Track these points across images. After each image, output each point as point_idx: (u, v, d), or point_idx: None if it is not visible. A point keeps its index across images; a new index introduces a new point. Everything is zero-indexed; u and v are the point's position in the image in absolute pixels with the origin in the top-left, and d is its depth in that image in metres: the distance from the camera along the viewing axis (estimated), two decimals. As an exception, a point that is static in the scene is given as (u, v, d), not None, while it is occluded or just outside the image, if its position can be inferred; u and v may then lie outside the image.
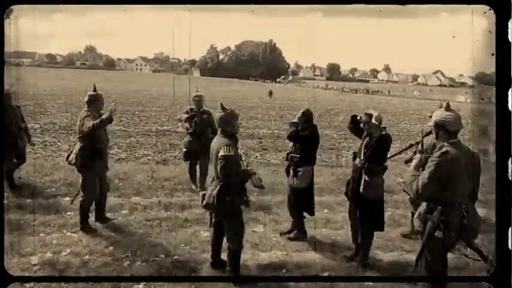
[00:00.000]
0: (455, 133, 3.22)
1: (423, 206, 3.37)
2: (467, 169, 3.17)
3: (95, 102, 5.15)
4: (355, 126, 4.80)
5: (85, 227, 5.14)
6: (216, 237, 4.28)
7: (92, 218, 5.31)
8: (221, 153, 3.85)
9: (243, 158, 4.13)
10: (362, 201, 4.52)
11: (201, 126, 6.75)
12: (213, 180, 4.06)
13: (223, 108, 4.07)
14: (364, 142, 4.60)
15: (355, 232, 4.73)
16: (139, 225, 5.44)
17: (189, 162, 7.08)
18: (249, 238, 5.20)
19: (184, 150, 6.98)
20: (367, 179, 4.44)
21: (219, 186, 3.93)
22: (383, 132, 4.51)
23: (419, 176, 3.22)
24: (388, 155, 4.71)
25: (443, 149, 3.13)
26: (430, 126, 5.40)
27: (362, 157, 4.56)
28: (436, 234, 3.17)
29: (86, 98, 5.16)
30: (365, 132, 4.63)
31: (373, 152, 4.46)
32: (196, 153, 6.76)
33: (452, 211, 3.15)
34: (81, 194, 5.20)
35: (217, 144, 4.00)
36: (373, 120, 4.47)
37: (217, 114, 4.14)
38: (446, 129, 3.20)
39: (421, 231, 3.34)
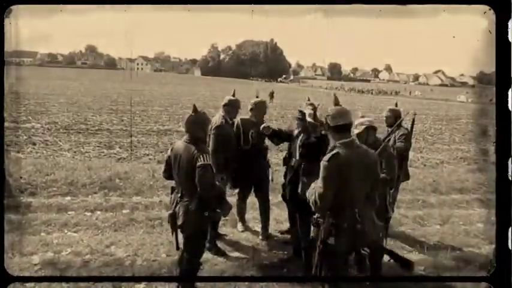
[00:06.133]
0: (344, 130, 3.04)
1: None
2: (361, 171, 2.97)
3: (231, 107, 5.01)
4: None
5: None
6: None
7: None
8: (200, 162, 3.38)
9: None
10: (301, 202, 4.05)
11: (259, 143, 5.28)
12: (182, 194, 3.58)
13: (195, 110, 3.58)
14: (298, 141, 4.31)
15: (296, 238, 4.41)
16: (141, 224, 5.45)
17: (238, 190, 5.46)
18: (250, 237, 5.23)
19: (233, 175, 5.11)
20: (305, 180, 4.06)
21: (196, 199, 3.47)
22: (323, 132, 4.01)
23: (316, 186, 3.00)
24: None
25: (334, 151, 2.97)
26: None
27: (298, 157, 4.25)
28: (329, 241, 3.00)
29: (224, 102, 5.03)
30: (299, 130, 4.35)
31: (313, 151, 4.02)
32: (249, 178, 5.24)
33: (344, 215, 2.99)
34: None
35: (187, 151, 3.49)
36: (308, 118, 4.12)
37: (187, 117, 3.61)
38: (330, 126, 3.05)
39: (315, 237, 3.12)
